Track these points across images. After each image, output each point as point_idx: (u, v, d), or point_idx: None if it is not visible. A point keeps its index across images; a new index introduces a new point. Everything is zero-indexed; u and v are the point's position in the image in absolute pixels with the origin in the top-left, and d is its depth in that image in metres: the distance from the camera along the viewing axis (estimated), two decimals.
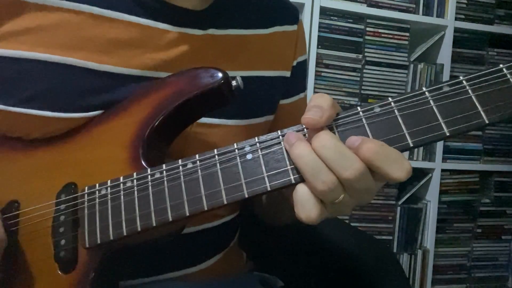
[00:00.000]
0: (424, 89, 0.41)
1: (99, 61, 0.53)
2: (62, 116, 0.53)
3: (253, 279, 0.73)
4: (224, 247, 0.68)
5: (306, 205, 0.41)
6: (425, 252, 1.83)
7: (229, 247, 0.69)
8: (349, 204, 0.42)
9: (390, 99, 0.42)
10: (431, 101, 0.41)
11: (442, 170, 1.82)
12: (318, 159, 0.40)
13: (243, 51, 0.63)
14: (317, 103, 0.42)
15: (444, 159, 1.82)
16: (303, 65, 0.75)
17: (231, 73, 0.52)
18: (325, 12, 1.68)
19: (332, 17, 1.70)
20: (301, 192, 0.41)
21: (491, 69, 0.40)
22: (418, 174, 1.83)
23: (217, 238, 0.66)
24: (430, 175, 1.82)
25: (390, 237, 1.80)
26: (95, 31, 0.53)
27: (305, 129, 0.43)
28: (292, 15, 0.72)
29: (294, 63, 0.72)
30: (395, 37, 1.76)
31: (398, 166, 0.39)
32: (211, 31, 0.60)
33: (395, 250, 1.80)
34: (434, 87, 0.41)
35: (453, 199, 1.88)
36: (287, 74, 0.70)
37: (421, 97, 0.41)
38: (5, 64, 0.52)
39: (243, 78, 0.53)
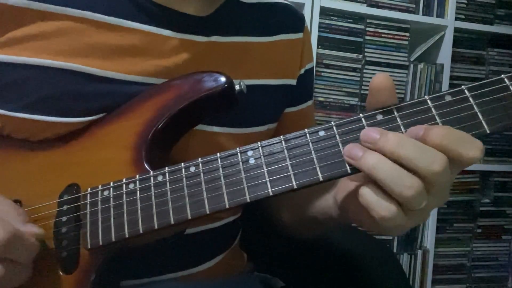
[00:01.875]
0: (426, 97, 0.41)
1: (102, 67, 0.53)
2: (65, 121, 0.53)
3: (254, 280, 0.73)
4: (225, 248, 0.68)
5: (382, 205, 0.39)
6: (425, 252, 1.83)
7: (231, 248, 0.69)
8: (432, 206, 0.40)
9: (392, 107, 0.42)
10: (433, 110, 0.41)
11: None
12: (395, 164, 0.38)
13: (246, 59, 0.63)
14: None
15: None
16: (311, 72, 0.75)
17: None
18: (325, 12, 1.68)
19: (332, 17, 1.70)
20: (372, 195, 0.39)
21: (493, 79, 0.40)
22: None
23: (218, 239, 0.66)
24: None
25: (390, 237, 1.80)
26: (98, 38, 0.54)
27: (307, 135, 0.43)
28: (297, 23, 0.71)
29: (302, 71, 0.71)
30: (395, 37, 1.76)
31: (472, 145, 0.38)
32: (214, 38, 0.60)
33: (395, 250, 1.80)
34: (436, 96, 0.41)
35: (453, 199, 1.88)
36: (293, 82, 0.70)
37: (424, 106, 0.41)
38: (8, 70, 0.52)
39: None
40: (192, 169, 0.46)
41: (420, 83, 1.79)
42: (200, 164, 0.46)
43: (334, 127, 0.43)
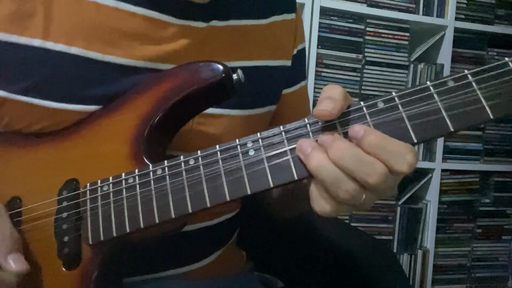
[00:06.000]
0: (428, 83, 0.41)
1: (103, 51, 0.53)
2: (63, 108, 0.53)
3: (254, 279, 0.73)
4: (223, 244, 0.68)
5: (320, 201, 0.41)
6: (425, 252, 1.83)
7: (228, 244, 0.69)
8: (370, 202, 0.41)
9: (393, 93, 0.41)
10: (435, 96, 0.40)
11: (442, 170, 1.82)
12: (338, 169, 0.39)
13: (244, 41, 0.64)
14: (329, 94, 0.42)
15: (444, 159, 1.82)
16: (303, 53, 0.75)
17: (233, 64, 0.52)
18: (325, 12, 1.68)
19: (332, 17, 1.70)
20: (315, 189, 0.41)
21: (497, 63, 0.40)
22: (418, 174, 1.83)
23: (216, 236, 0.66)
24: (430, 175, 1.82)
25: (390, 237, 1.80)
26: (99, 21, 0.54)
27: (308, 125, 0.43)
28: (290, 4, 0.72)
29: (295, 52, 0.72)
30: (395, 37, 1.76)
31: (401, 159, 0.38)
32: (213, 23, 0.60)
33: (395, 250, 1.80)
34: (439, 82, 0.40)
35: (453, 199, 1.88)
36: (288, 63, 0.70)
37: (426, 92, 0.41)
38: (10, 50, 0.52)
39: (245, 68, 0.53)
40: (192, 162, 0.45)
41: (420, 83, 1.79)
42: (200, 157, 0.45)
43: None
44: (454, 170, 1.86)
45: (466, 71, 0.40)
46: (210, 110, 0.59)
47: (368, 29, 1.74)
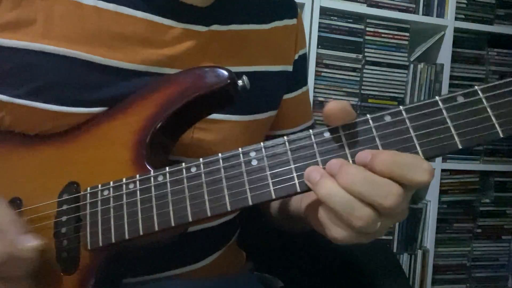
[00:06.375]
0: (437, 98, 0.40)
1: (104, 55, 0.53)
2: (65, 111, 0.53)
3: (254, 279, 0.73)
4: (223, 244, 0.68)
5: (334, 229, 0.40)
6: (425, 252, 1.83)
7: (228, 244, 0.69)
8: (385, 229, 0.40)
9: (401, 107, 0.40)
10: (444, 112, 0.39)
11: (442, 170, 1.82)
12: (350, 195, 0.38)
13: (245, 46, 0.64)
14: (337, 101, 0.41)
15: (444, 159, 1.82)
16: (304, 58, 0.76)
17: (234, 69, 0.51)
18: (325, 12, 1.68)
19: (332, 17, 1.70)
20: (326, 217, 0.40)
21: (507, 80, 0.39)
22: None
23: (217, 237, 0.66)
24: None
25: (390, 237, 1.80)
26: (101, 25, 0.54)
27: (312, 137, 0.42)
28: (291, 9, 0.72)
29: (296, 57, 0.72)
30: (395, 37, 1.76)
31: (419, 170, 0.37)
32: (214, 27, 0.60)
33: (395, 250, 1.80)
34: (448, 97, 0.40)
35: (453, 199, 1.88)
36: (289, 68, 0.70)
37: (434, 107, 0.40)
38: (10, 55, 0.52)
39: (246, 73, 0.52)
40: (193, 169, 0.45)
41: (420, 83, 1.79)
42: (202, 165, 0.45)
43: (340, 129, 0.42)
44: (454, 170, 1.86)
45: (476, 87, 0.39)
46: (211, 116, 0.59)
47: (368, 29, 1.73)
